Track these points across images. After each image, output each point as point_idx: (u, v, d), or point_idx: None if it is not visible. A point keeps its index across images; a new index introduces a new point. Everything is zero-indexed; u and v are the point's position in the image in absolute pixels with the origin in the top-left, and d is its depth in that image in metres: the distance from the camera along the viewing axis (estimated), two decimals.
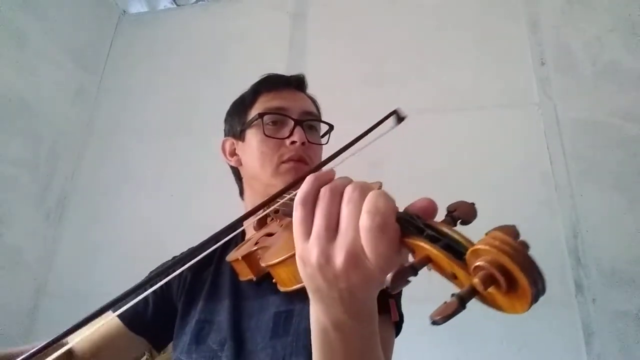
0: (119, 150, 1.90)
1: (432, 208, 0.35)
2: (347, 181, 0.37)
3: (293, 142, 0.74)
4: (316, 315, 0.41)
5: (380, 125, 0.59)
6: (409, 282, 0.29)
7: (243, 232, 0.82)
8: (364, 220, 0.33)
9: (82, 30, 1.99)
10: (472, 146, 1.51)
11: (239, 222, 0.49)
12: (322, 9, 1.92)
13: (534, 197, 1.40)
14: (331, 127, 0.85)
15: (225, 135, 0.87)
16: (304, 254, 0.37)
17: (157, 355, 1.12)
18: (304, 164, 0.75)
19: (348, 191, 0.35)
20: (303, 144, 0.74)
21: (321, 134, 0.85)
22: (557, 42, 1.60)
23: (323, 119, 0.85)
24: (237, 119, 0.83)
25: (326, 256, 0.35)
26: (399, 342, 0.64)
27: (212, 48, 1.98)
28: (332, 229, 0.35)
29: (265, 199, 0.74)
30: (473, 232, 0.33)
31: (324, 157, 0.81)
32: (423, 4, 1.80)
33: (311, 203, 0.37)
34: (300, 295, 0.51)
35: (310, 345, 0.60)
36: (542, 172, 1.42)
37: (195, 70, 1.95)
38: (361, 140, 0.57)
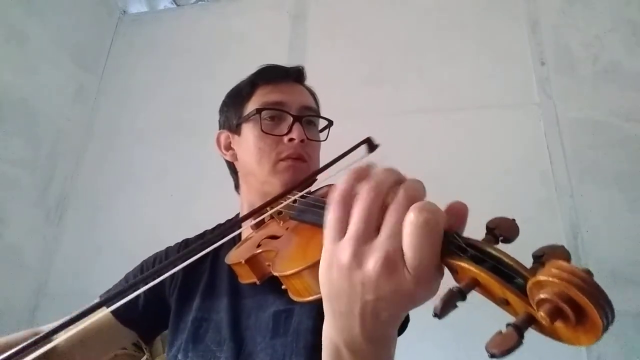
0: (119, 150, 1.90)
1: (464, 213, 0.33)
2: (392, 178, 0.34)
3: (291, 140, 0.71)
4: (329, 335, 0.37)
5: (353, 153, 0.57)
6: (456, 306, 0.27)
7: (239, 232, 0.81)
8: (414, 216, 0.30)
9: (82, 30, 1.99)
10: (472, 146, 1.51)
11: (239, 222, 0.48)
12: (322, 9, 1.92)
13: (534, 197, 1.40)
14: (330, 122, 0.82)
15: (220, 127, 0.84)
16: (334, 255, 0.33)
17: (157, 355, 1.12)
18: (302, 161, 0.72)
19: (396, 194, 0.32)
20: (302, 141, 0.71)
21: (320, 128, 0.82)
22: (557, 42, 1.60)
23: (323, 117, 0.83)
24: (233, 111, 0.80)
25: (359, 258, 0.32)
26: (399, 343, 0.64)
27: (212, 48, 1.98)
28: (371, 230, 0.32)
29: (262, 196, 0.73)
30: (474, 235, 0.33)
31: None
32: (423, 4, 1.80)
33: (349, 202, 0.34)
34: None
35: (310, 345, 0.60)
36: (542, 171, 1.42)
37: (195, 70, 1.95)
38: (333, 167, 0.54)
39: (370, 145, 0.58)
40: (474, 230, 0.33)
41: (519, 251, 0.31)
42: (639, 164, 1.36)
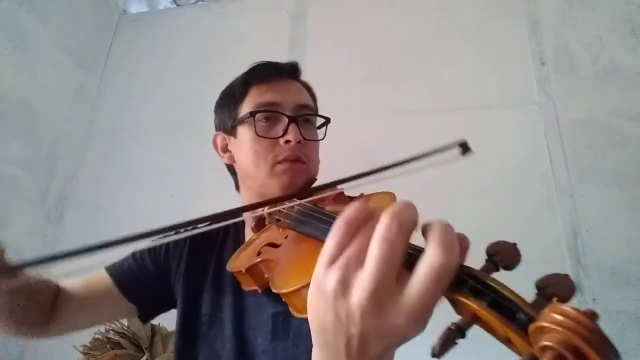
0: (119, 150, 1.90)
1: (466, 247, 0.30)
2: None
3: (288, 142, 0.70)
4: None
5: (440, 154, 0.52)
6: (456, 344, 0.26)
7: (242, 231, 0.80)
8: (436, 255, 0.27)
9: (82, 30, 1.99)
10: (472, 146, 1.51)
11: (239, 211, 0.46)
12: (322, 9, 1.92)
13: (534, 197, 1.40)
14: (328, 120, 0.81)
15: (216, 129, 0.83)
16: (322, 280, 0.31)
17: (157, 355, 1.12)
18: (300, 163, 0.72)
19: (387, 226, 0.29)
20: (299, 142, 0.70)
21: (318, 125, 0.81)
22: (557, 42, 1.60)
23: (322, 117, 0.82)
24: (227, 112, 0.78)
25: (345, 286, 0.29)
26: None
27: (212, 48, 1.98)
28: (362, 261, 0.30)
29: (262, 198, 0.73)
30: (474, 239, 0.33)
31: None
32: (423, 4, 1.80)
33: (354, 230, 0.31)
34: None
35: (311, 349, 0.59)
36: (542, 172, 1.42)
37: (195, 70, 1.95)
38: (417, 162, 0.51)
39: (465, 148, 0.54)
40: (474, 232, 0.33)
41: (520, 251, 0.31)
42: (639, 164, 1.36)
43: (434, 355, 0.26)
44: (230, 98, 0.79)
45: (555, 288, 0.26)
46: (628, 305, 1.22)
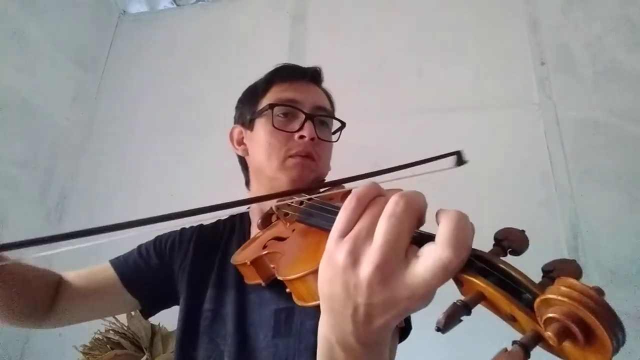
0: (119, 150, 1.90)
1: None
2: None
3: (302, 137, 0.72)
4: (323, 330, 0.37)
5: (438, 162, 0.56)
6: (461, 321, 0.27)
7: (248, 229, 0.81)
8: (446, 252, 0.27)
9: (82, 30, 1.99)
10: (472, 146, 1.51)
11: (250, 202, 0.46)
12: (322, 9, 1.92)
13: (534, 197, 1.40)
14: (343, 124, 0.84)
15: (235, 122, 0.86)
16: (333, 253, 0.32)
17: (157, 355, 1.12)
18: (311, 160, 0.73)
19: (394, 202, 0.31)
20: (312, 139, 0.72)
21: (333, 131, 0.83)
22: (557, 42, 1.60)
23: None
24: (247, 107, 0.81)
25: (354, 258, 0.31)
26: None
27: (212, 48, 1.98)
28: (372, 235, 0.31)
29: (271, 192, 0.74)
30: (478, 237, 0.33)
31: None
32: (423, 4, 1.80)
33: (364, 205, 0.33)
34: None
35: (312, 345, 0.60)
36: (542, 172, 1.42)
37: (195, 70, 1.95)
38: (410, 169, 0.54)
39: (460, 159, 0.57)
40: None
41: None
42: (639, 164, 1.36)
43: (438, 330, 0.26)
44: (252, 94, 0.82)
45: (561, 271, 0.27)
46: (628, 305, 1.22)
